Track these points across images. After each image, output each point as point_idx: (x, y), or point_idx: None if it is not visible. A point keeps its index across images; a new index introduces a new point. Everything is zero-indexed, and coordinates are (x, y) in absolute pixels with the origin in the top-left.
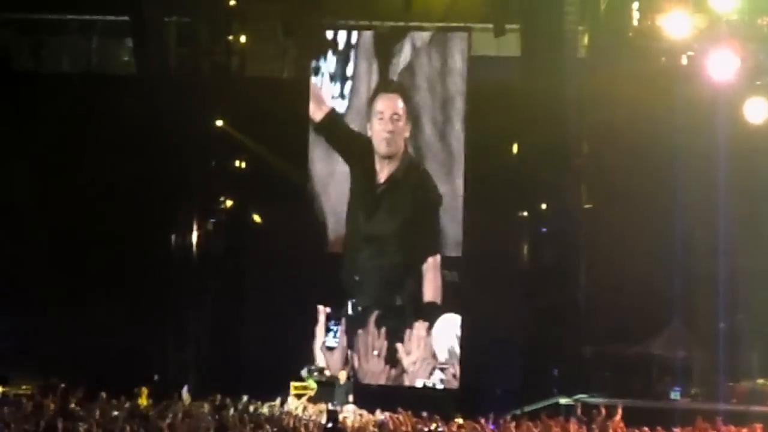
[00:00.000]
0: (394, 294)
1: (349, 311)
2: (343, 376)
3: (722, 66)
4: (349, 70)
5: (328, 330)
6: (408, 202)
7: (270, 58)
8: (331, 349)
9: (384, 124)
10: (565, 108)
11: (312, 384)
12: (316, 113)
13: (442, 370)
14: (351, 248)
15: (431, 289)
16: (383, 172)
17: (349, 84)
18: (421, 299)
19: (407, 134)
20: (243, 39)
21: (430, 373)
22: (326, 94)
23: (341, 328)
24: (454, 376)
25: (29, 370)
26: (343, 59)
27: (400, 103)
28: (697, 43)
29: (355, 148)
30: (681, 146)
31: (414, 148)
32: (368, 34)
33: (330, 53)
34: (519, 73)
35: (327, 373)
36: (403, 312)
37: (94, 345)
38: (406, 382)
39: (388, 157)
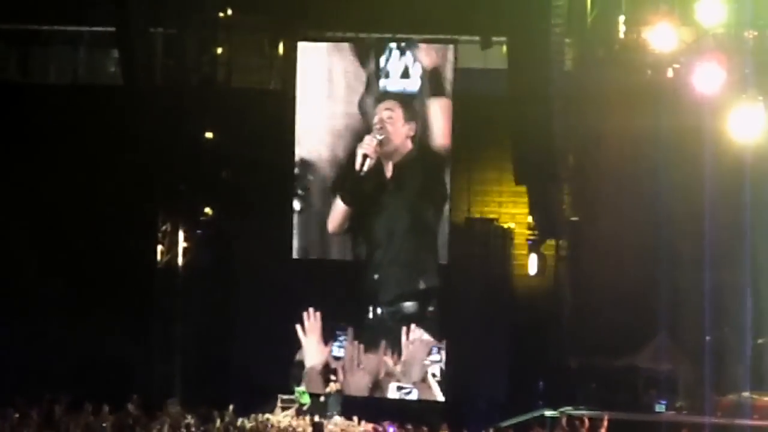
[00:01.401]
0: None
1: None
2: (334, 387)
3: (708, 79)
4: (336, 81)
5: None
6: (416, 199)
7: (256, 69)
8: (338, 358)
9: (383, 127)
10: (552, 120)
11: (305, 398)
12: None
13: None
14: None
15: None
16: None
17: (335, 94)
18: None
19: (410, 134)
20: (229, 50)
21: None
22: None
23: (348, 338)
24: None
25: (13, 381)
26: (329, 70)
27: (389, 113)
28: (683, 57)
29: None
30: (667, 159)
31: (437, 146)
32: (354, 46)
33: (317, 64)
34: (506, 86)
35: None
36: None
37: (80, 356)
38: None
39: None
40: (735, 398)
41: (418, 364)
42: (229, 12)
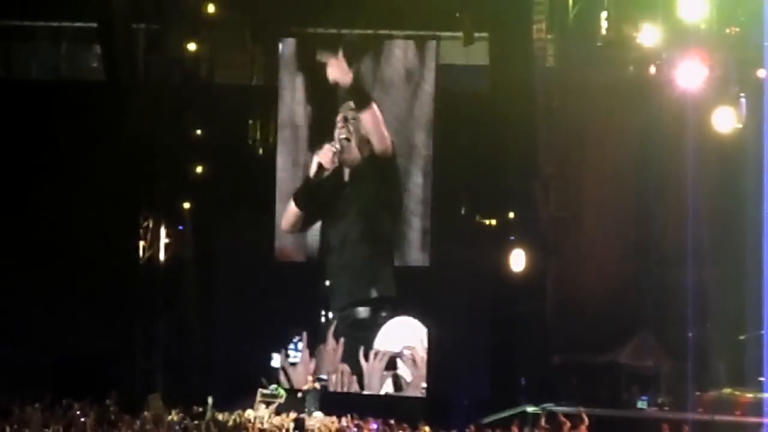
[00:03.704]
0: (362, 300)
1: (321, 319)
2: (312, 384)
3: (691, 75)
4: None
5: (289, 343)
6: (371, 207)
7: (239, 65)
8: (294, 364)
9: (346, 131)
10: (534, 117)
11: (281, 392)
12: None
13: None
14: (320, 254)
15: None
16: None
17: (316, 90)
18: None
19: (374, 138)
20: (212, 46)
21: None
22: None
23: (304, 341)
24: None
25: None
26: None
27: (353, 113)
28: (665, 53)
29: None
30: (650, 155)
31: (380, 152)
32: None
33: (297, 61)
34: (488, 82)
35: (298, 383)
36: (372, 316)
37: (61, 352)
38: (372, 389)
39: (351, 161)
40: (717, 394)
41: (378, 377)
42: (211, 8)
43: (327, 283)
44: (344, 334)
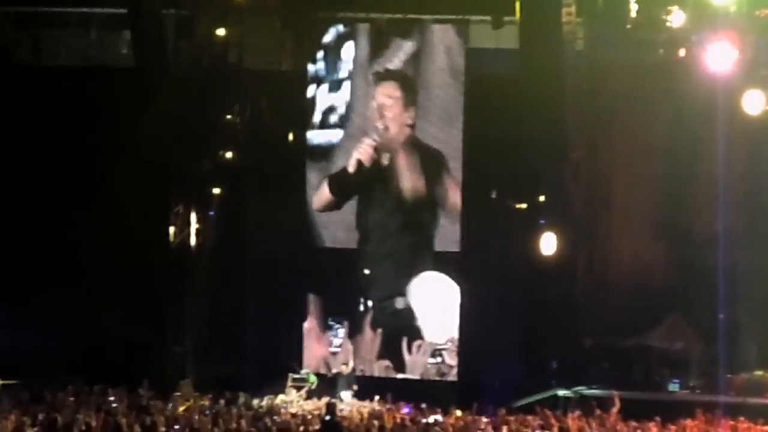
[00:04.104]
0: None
1: (360, 306)
2: (345, 368)
3: (720, 58)
4: (347, 62)
5: (329, 328)
6: (409, 193)
7: (268, 50)
8: (335, 353)
9: (382, 115)
10: (564, 100)
11: (312, 378)
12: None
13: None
14: (359, 243)
15: None
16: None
17: (346, 75)
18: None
19: (408, 122)
20: (241, 32)
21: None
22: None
23: (344, 327)
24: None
25: (28, 364)
26: (340, 51)
27: (399, 93)
28: (695, 35)
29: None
30: (680, 138)
31: (413, 138)
32: (365, 27)
33: (327, 45)
34: (517, 66)
35: (331, 367)
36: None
37: (93, 339)
38: (408, 374)
39: (387, 146)
40: (748, 377)
41: (421, 369)
42: None
43: (366, 272)
44: (382, 325)
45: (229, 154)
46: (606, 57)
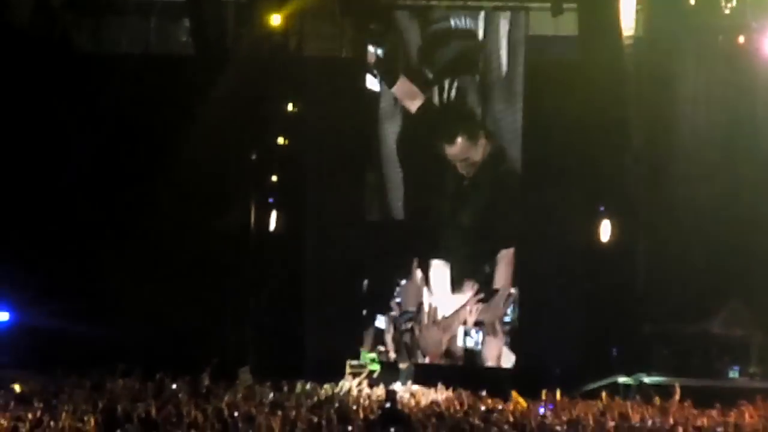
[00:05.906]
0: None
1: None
2: (404, 364)
3: None
4: (407, 52)
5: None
6: (477, 180)
7: (328, 37)
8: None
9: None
10: (624, 87)
11: (374, 365)
12: (411, 104)
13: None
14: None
15: (502, 279)
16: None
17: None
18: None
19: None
20: (301, 19)
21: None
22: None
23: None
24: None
25: (88, 351)
26: (400, 39)
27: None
28: (755, 21)
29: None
30: (739, 124)
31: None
32: (425, 13)
33: (387, 33)
34: (577, 53)
35: (391, 355)
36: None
37: (153, 327)
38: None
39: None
40: None
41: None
42: None
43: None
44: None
45: (288, 142)
46: (665, 43)
